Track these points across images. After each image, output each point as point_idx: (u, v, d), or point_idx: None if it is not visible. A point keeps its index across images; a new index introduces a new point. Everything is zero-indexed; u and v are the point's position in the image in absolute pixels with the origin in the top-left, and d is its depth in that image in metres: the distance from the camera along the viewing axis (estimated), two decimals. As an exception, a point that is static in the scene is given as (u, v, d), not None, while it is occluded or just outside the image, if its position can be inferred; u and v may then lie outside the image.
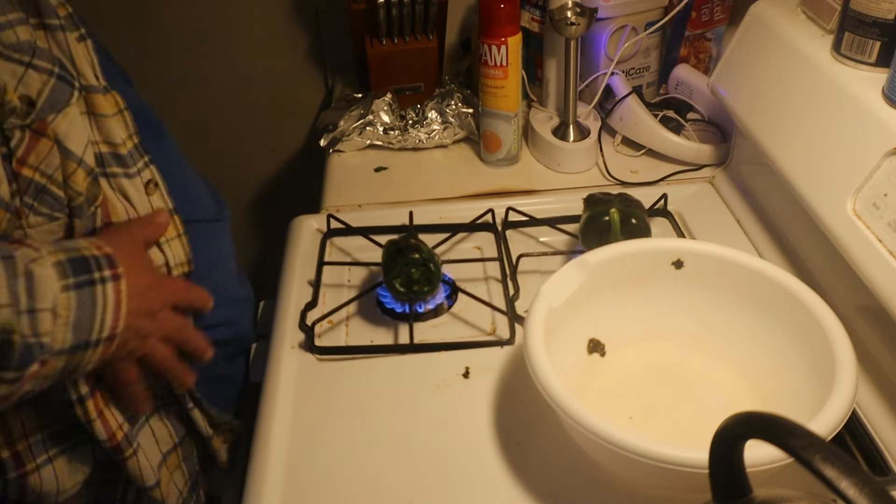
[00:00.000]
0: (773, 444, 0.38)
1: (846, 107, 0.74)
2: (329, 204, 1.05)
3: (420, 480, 0.67)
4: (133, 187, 0.65)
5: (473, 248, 0.95)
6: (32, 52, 0.56)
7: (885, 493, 0.34)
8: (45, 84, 0.56)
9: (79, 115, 0.60)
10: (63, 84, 0.58)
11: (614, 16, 1.08)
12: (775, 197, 0.93)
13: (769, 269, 0.70)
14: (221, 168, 1.50)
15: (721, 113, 1.07)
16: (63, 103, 0.58)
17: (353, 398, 0.74)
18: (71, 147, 0.58)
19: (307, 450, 0.70)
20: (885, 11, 0.73)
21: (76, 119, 0.59)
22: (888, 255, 0.66)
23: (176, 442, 0.73)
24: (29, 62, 0.55)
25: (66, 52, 0.60)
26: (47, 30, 0.59)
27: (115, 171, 0.64)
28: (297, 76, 1.43)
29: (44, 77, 0.56)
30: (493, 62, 1.02)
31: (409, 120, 1.16)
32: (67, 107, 0.58)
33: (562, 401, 0.58)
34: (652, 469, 0.54)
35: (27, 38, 0.56)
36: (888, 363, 0.72)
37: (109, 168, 0.63)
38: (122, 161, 0.64)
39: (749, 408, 0.44)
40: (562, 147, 1.09)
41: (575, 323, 0.71)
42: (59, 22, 0.60)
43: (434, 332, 0.82)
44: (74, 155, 0.59)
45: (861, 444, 0.69)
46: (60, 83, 0.58)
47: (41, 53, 0.56)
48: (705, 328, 0.74)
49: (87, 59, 0.63)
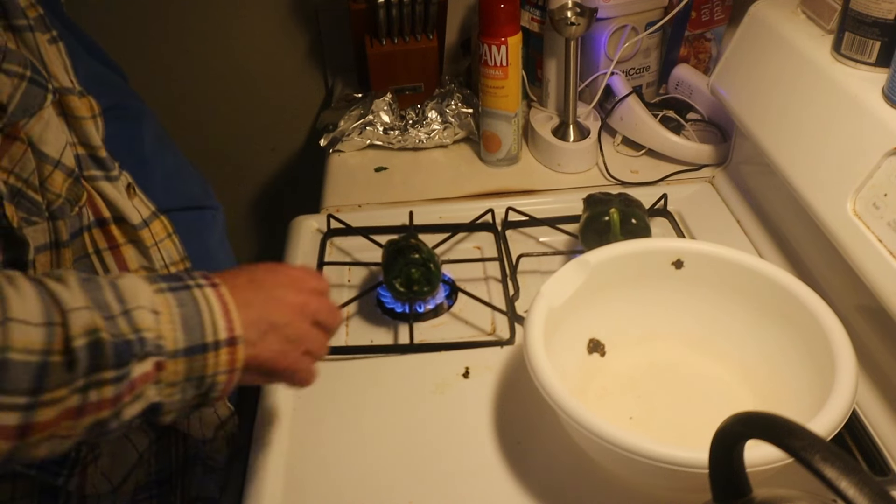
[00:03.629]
0: (773, 444, 0.38)
1: (846, 107, 0.74)
2: (329, 204, 1.05)
3: (420, 480, 0.67)
4: (115, 190, 0.64)
5: (473, 248, 0.95)
6: (2, 55, 0.54)
7: (885, 493, 0.34)
8: (16, 88, 0.54)
9: (55, 116, 0.59)
10: (35, 87, 0.56)
11: (614, 16, 1.08)
12: (775, 197, 0.93)
13: (769, 269, 0.70)
14: (222, 167, 1.50)
15: (721, 113, 1.07)
16: (36, 107, 0.56)
17: (352, 398, 0.74)
18: (46, 150, 0.57)
19: (307, 450, 0.70)
20: (885, 11, 0.73)
21: (51, 121, 0.58)
22: (888, 255, 0.66)
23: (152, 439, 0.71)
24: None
25: (35, 54, 0.59)
26: (15, 31, 0.58)
27: (95, 173, 0.63)
28: (297, 76, 1.43)
29: (14, 81, 0.54)
30: (493, 62, 1.02)
31: (409, 120, 1.16)
32: (41, 110, 0.57)
33: (562, 401, 0.58)
34: (652, 469, 0.54)
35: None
36: (888, 363, 0.72)
37: (88, 171, 0.62)
38: (101, 164, 0.63)
39: (749, 408, 0.44)
40: (562, 147, 1.09)
41: (575, 323, 0.71)
42: (28, 23, 0.59)
43: (434, 332, 0.82)
44: (50, 158, 0.57)
45: (861, 444, 0.69)
46: (32, 86, 0.56)
47: (11, 56, 0.55)
48: (705, 328, 0.74)
49: (59, 62, 0.62)
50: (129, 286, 0.49)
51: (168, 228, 0.70)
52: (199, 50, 1.39)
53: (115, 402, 0.47)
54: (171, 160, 0.80)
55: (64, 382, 0.45)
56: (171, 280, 0.52)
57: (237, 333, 0.52)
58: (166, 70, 1.40)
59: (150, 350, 0.48)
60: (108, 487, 0.68)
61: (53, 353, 0.44)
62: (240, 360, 0.52)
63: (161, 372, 0.49)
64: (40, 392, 0.44)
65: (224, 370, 0.51)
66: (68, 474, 0.65)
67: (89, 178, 0.63)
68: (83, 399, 0.45)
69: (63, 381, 0.44)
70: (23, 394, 0.43)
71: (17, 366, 0.43)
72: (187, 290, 0.51)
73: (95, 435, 0.48)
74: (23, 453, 0.45)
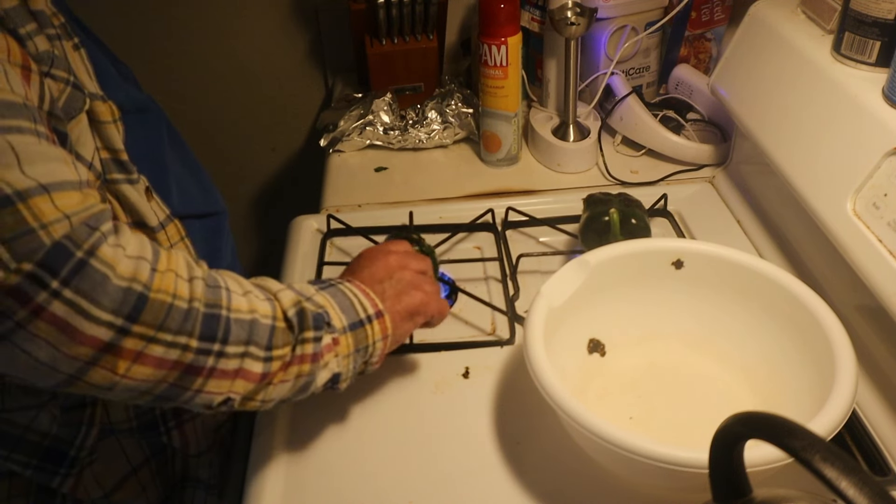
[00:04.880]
0: (773, 444, 0.38)
1: (846, 107, 0.74)
2: (329, 204, 1.05)
3: (420, 480, 0.67)
4: (136, 192, 0.66)
5: (473, 248, 0.95)
6: (51, 61, 0.56)
7: (885, 493, 0.34)
8: (62, 92, 0.57)
9: (87, 122, 0.61)
10: (77, 92, 0.59)
11: (614, 16, 1.08)
12: (775, 197, 0.93)
13: (769, 269, 0.70)
14: (222, 168, 1.50)
15: (721, 113, 1.07)
16: (77, 110, 0.59)
17: (352, 398, 0.74)
18: (82, 153, 0.59)
19: (307, 450, 0.70)
20: (885, 11, 0.73)
21: (85, 126, 0.60)
22: (888, 255, 0.66)
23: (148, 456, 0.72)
24: (47, 72, 0.56)
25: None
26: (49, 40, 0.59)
27: (117, 177, 0.65)
28: (297, 76, 1.43)
29: (61, 86, 0.57)
30: (493, 62, 1.02)
31: (409, 120, 1.16)
32: (79, 114, 0.59)
33: (562, 401, 0.58)
34: (652, 469, 0.54)
35: (45, 49, 0.56)
36: (888, 363, 0.72)
37: (111, 175, 0.64)
38: (123, 167, 0.65)
39: (749, 408, 0.44)
40: (562, 147, 1.09)
41: (575, 323, 0.71)
42: (56, 31, 0.60)
43: (434, 332, 0.82)
44: (85, 160, 0.60)
45: (861, 444, 0.69)
46: (75, 91, 0.58)
47: (58, 63, 0.57)
48: (705, 328, 0.74)
49: (83, 68, 0.63)
50: (302, 285, 0.62)
51: (181, 232, 0.71)
52: (200, 50, 1.39)
53: (313, 359, 0.59)
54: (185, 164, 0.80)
55: (285, 343, 0.57)
56: (317, 283, 0.64)
57: (380, 308, 0.64)
58: (167, 70, 1.40)
59: (327, 324, 0.60)
60: (100, 493, 0.68)
61: (278, 320, 0.57)
62: (388, 327, 0.65)
63: (337, 346, 0.61)
64: (272, 348, 0.57)
65: (380, 337, 0.64)
66: (65, 474, 0.65)
67: (112, 182, 0.64)
68: (293, 354, 0.58)
69: (285, 341, 0.57)
70: (264, 348, 0.56)
71: (261, 326, 0.56)
72: (333, 287, 0.64)
73: (295, 393, 0.60)
74: (257, 394, 0.58)
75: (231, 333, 0.54)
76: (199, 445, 0.76)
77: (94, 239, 0.48)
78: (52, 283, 0.46)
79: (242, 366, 0.55)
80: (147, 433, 0.71)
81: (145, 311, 0.49)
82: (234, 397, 0.56)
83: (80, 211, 0.48)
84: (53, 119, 0.55)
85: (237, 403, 0.57)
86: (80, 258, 0.47)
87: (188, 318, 0.52)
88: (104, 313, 0.48)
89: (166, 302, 0.51)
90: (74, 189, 0.49)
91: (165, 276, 0.51)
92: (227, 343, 0.54)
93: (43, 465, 0.65)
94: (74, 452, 0.65)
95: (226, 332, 0.54)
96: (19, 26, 0.55)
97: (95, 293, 0.48)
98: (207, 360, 0.53)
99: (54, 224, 0.47)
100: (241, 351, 0.55)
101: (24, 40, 0.55)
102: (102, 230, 0.49)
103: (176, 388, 0.53)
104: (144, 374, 0.51)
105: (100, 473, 0.68)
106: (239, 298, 0.56)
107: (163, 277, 0.51)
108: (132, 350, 0.50)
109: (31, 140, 0.48)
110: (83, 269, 0.47)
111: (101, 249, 0.48)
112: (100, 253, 0.48)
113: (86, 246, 0.48)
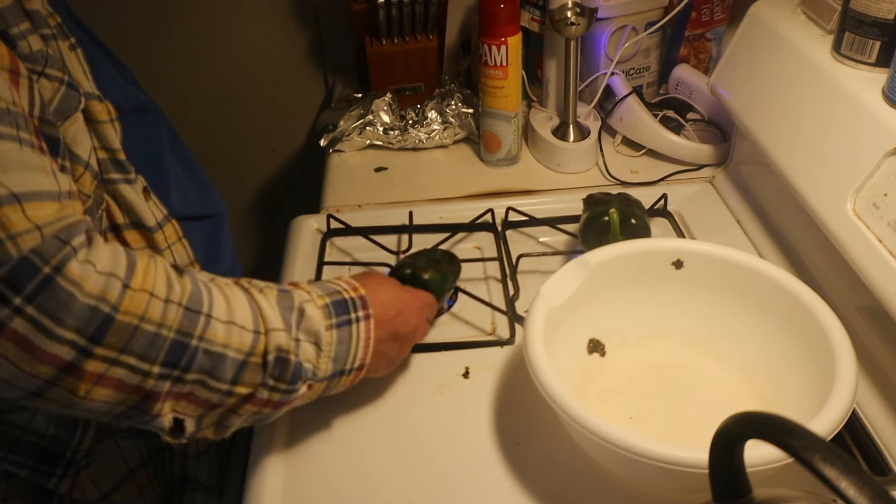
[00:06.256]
0: (773, 444, 0.38)
1: (846, 107, 0.74)
2: (329, 204, 1.05)
3: (419, 480, 0.67)
4: (134, 192, 0.66)
5: (473, 248, 0.95)
6: (45, 60, 0.56)
7: (885, 493, 0.34)
8: (56, 92, 0.57)
9: (83, 121, 0.61)
10: (72, 91, 0.59)
11: (614, 16, 1.08)
12: (775, 197, 0.93)
13: (769, 269, 0.70)
14: (221, 168, 1.50)
15: (721, 113, 1.07)
16: (72, 110, 0.59)
17: (352, 398, 0.74)
18: (78, 152, 0.59)
19: (307, 450, 0.70)
20: (885, 11, 0.73)
21: (81, 125, 0.60)
22: (888, 255, 0.66)
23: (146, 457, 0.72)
24: (41, 71, 0.56)
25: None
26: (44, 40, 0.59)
27: (115, 176, 0.65)
28: (296, 76, 1.43)
29: (55, 85, 0.57)
30: (493, 62, 1.02)
31: (409, 120, 1.16)
32: (75, 113, 0.59)
33: (562, 401, 0.58)
34: (652, 469, 0.54)
35: (39, 48, 0.56)
36: (888, 363, 0.72)
37: (108, 174, 0.64)
38: (121, 167, 0.65)
39: (749, 408, 0.44)
40: (562, 147, 1.09)
41: (575, 323, 0.71)
42: (51, 31, 0.60)
43: (434, 332, 0.82)
44: (81, 159, 0.60)
45: (861, 444, 0.69)
46: (70, 90, 0.58)
47: (52, 62, 0.57)
48: (705, 328, 0.74)
49: (79, 68, 0.63)
50: (311, 317, 0.60)
51: (179, 232, 0.71)
52: (200, 50, 1.39)
53: (277, 406, 0.59)
54: (184, 166, 0.80)
55: (251, 381, 0.56)
56: (340, 313, 0.63)
57: (366, 362, 0.65)
58: (166, 70, 1.40)
59: (308, 377, 0.60)
60: (97, 494, 0.68)
61: (254, 356, 0.56)
62: (359, 378, 0.66)
63: (309, 390, 0.61)
64: (236, 383, 0.55)
65: (347, 384, 0.65)
66: (61, 475, 0.65)
67: (109, 182, 0.64)
68: (255, 395, 0.57)
69: (251, 380, 0.56)
70: (225, 382, 0.55)
71: (228, 360, 0.54)
72: (348, 327, 0.63)
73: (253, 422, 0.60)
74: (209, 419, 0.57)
75: (194, 362, 0.53)
76: (198, 446, 0.76)
77: (63, 254, 0.47)
78: (14, 299, 0.45)
79: (194, 391, 0.54)
80: (145, 434, 0.71)
81: (110, 332, 0.48)
82: (184, 418, 0.55)
83: (53, 222, 0.47)
84: (45, 124, 0.54)
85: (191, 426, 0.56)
86: (47, 274, 0.46)
87: (154, 343, 0.50)
88: (67, 332, 0.47)
89: (132, 324, 0.49)
90: (51, 200, 0.48)
91: (136, 296, 0.50)
92: (188, 371, 0.53)
93: (39, 466, 0.64)
94: (71, 454, 0.65)
95: (190, 360, 0.53)
96: (12, 26, 0.54)
97: (60, 312, 0.46)
98: (165, 385, 0.52)
99: (23, 235, 0.45)
100: (198, 378, 0.54)
101: (16, 40, 0.54)
102: (73, 244, 0.48)
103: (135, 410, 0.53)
104: (104, 395, 0.50)
105: (97, 475, 0.68)
106: (216, 327, 0.54)
107: (133, 297, 0.49)
108: (94, 372, 0.49)
109: (10, 147, 0.47)
110: (48, 287, 0.46)
111: (70, 266, 0.47)
112: (67, 270, 0.47)
113: (53, 262, 0.46)
